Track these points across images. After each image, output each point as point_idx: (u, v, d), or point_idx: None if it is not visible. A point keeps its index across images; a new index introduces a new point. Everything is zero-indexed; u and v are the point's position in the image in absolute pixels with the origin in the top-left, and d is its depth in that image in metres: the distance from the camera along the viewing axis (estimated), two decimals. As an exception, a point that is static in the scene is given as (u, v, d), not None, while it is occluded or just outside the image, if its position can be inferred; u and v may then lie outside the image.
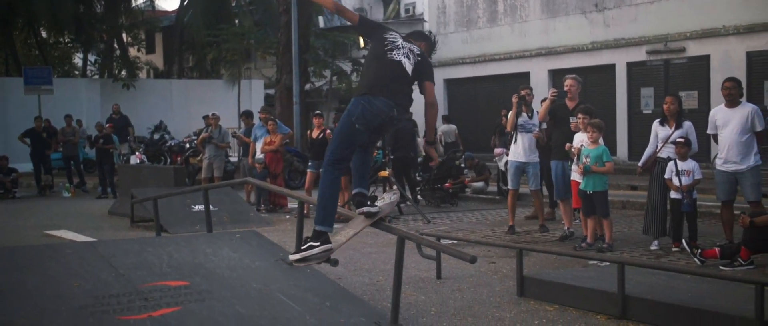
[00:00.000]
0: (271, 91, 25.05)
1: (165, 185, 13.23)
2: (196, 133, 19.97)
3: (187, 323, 5.11)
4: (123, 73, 29.53)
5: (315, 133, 13.23)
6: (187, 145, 19.85)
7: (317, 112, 14.18)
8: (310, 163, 13.44)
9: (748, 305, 5.23)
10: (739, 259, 7.91)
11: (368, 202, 5.76)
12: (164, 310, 5.23)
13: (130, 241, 7.40)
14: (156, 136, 22.85)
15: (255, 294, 5.73)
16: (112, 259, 5.96)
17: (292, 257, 5.43)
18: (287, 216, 13.14)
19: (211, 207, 9.03)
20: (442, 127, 19.73)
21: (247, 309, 5.43)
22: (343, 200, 12.99)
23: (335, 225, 5.61)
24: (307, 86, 23.49)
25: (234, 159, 18.90)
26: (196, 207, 11.59)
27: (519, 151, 10.65)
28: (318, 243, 5.34)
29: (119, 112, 22.13)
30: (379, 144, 15.69)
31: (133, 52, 34.56)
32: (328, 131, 13.22)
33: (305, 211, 12.59)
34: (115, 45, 31.39)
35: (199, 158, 16.70)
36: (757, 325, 5.10)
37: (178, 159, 19.60)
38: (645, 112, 20.24)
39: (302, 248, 5.35)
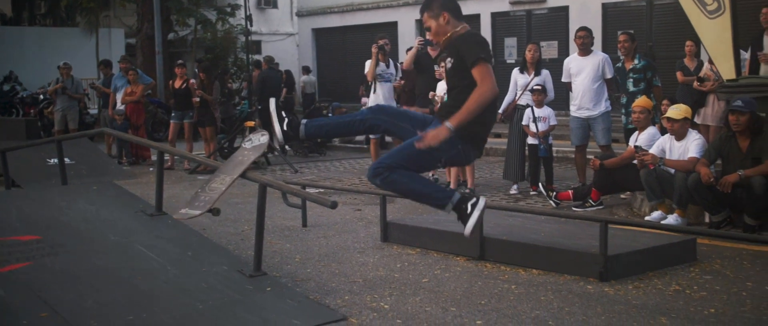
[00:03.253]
0: (133, 41, 24.11)
1: (16, 138, 12.57)
2: (50, 84, 19.03)
3: (39, 277, 4.92)
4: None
5: (177, 83, 12.86)
6: (41, 97, 18.90)
7: (179, 61, 13.78)
8: (173, 114, 13.09)
9: (595, 242, 5.51)
10: (590, 200, 8.33)
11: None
12: (14, 266, 5.00)
13: (-26, 196, 7.02)
14: (6, 87, 21.59)
15: (113, 247, 5.56)
16: (-46, 215, 5.64)
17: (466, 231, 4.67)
18: (151, 169, 12.80)
19: (67, 160, 8.69)
20: (302, 78, 19.59)
21: (105, 262, 5.27)
22: (208, 151, 12.78)
23: (201, 177, 5.50)
24: (171, 35, 22.76)
25: (93, 111, 18.17)
26: (52, 160, 11.10)
27: (379, 100, 10.75)
28: (472, 208, 4.55)
29: (-37, 62, 20.82)
30: (244, 93, 15.50)
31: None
32: (192, 81, 12.91)
33: (168, 164, 12.46)
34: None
35: (50, 109, 15.97)
36: (602, 259, 5.39)
37: (32, 111, 18.65)
38: (508, 61, 20.77)
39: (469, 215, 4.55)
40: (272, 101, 5.47)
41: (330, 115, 15.84)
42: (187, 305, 4.82)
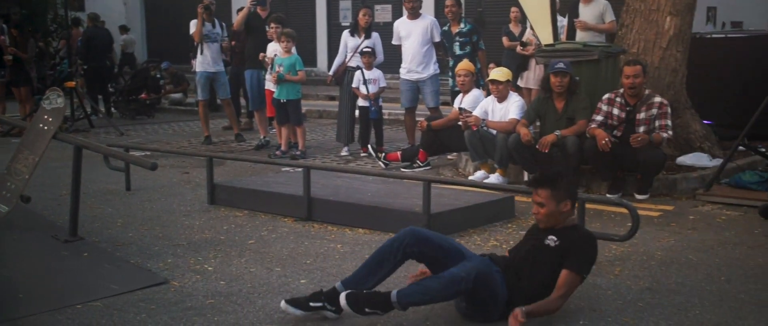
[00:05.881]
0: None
1: None
2: None
3: None
4: None
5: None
6: None
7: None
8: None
9: (420, 201, 5.64)
10: (418, 161, 8.52)
11: None
12: None
13: None
14: None
15: None
16: None
17: None
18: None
19: None
20: (122, 37, 18.76)
21: None
22: (24, 112, 12.06)
23: (15, 140, 5.15)
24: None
25: None
26: None
27: (207, 61, 10.51)
28: None
29: None
30: (62, 53, 14.67)
31: None
32: (2, 37, 12.08)
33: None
34: None
35: None
36: (425, 217, 5.53)
37: None
38: (343, 24, 20.80)
39: None
40: None
41: (158, 75, 15.33)
42: (-7, 273, 4.54)
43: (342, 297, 3.77)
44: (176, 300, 4.33)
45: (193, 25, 10.53)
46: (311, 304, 3.94)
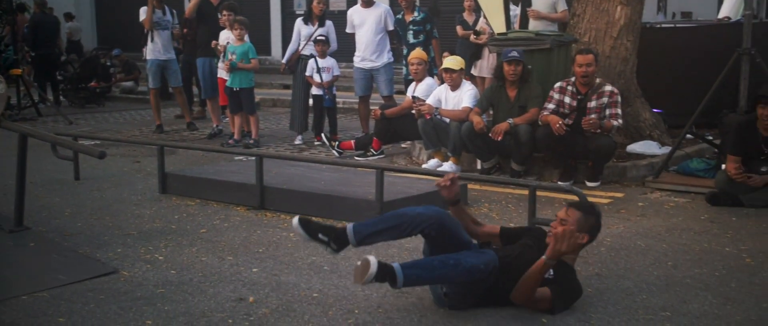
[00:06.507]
0: None
1: None
2: None
3: None
4: None
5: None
6: None
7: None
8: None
9: (372, 189, 5.64)
10: (372, 149, 8.52)
11: None
12: None
13: None
14: None
15: None
16: None
17: None
18: None
19: None
20: (67, 25, 18.38)
21: None
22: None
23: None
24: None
25: None
26: None
27: (158, 48, 10.38)
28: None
29: None
30: (7, 40, 14.34)
31: None
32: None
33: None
34: None
35: None
36: (378, 205, 5.53)
37: None
38: (298, 12, 20.67)
39: None
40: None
41: (109, 63, 15.07)
42: (-65, 265, 4.43)
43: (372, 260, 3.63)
44: (126, 289, 4.27)
45: (143, 12, 10.38)
46: (320, 236, 3.89)
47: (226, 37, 9.59)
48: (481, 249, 3.95)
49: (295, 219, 3.94)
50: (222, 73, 9.77)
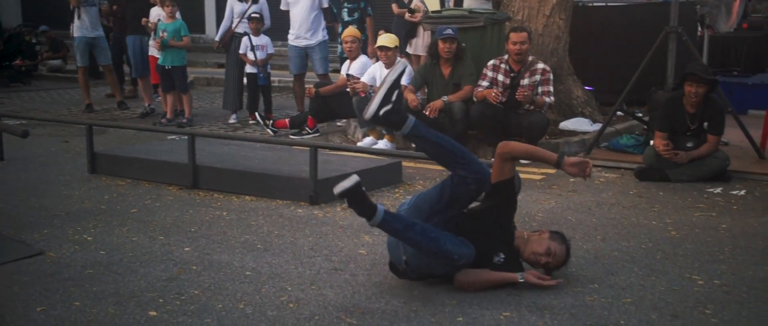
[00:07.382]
0: None
1: None
2: None
3: None
4: None
5: None
6: None
7: None
8: None
9: (307, 167, 5.61)
10: (307, 128, 8.47)
11: None
12: None
13: None
14: None
15: None
16: None
17: None
18: None
19: None
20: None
21: None
22: None
23: None
24: None
25: None
26: None
27: (85, 25, 10.14)
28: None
29: None
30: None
31: None
32: None
33: None
34: None
35: None
36: (312, 183, 5.51)
37: None
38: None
39: None
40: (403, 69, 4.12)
41: (34, 40, 14.65)
42: None
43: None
44: (52, 271, 4.17)
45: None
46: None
47: (157, 14, 9.39)
48: (464, 240, 3.82)
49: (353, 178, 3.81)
50: (153, 51, 9.58)
